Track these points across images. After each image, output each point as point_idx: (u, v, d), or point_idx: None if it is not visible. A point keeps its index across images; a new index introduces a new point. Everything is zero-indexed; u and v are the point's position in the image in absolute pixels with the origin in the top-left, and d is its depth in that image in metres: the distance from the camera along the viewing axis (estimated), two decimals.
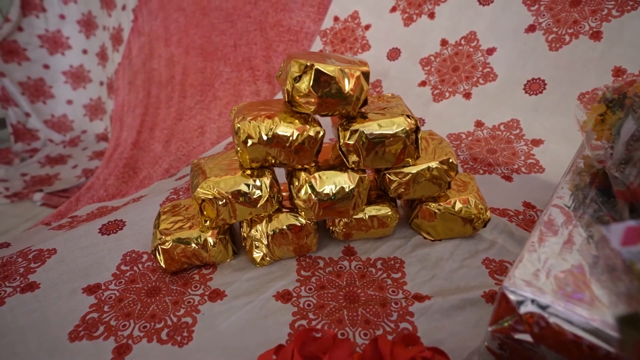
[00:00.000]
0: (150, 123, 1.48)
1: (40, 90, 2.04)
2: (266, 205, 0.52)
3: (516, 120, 0.92)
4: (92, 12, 1.91)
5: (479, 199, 0.59)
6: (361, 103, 0.50)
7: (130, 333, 0.47)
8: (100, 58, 1.97)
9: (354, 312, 0.49)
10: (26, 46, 1.97)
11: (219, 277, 0.55)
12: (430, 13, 1.05)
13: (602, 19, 0.81)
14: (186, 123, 1.39)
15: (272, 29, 1.27)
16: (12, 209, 1.58)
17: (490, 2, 0.95)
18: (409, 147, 0.52)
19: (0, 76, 1.94)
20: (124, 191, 1.15)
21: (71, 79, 2.06)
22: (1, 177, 1.77)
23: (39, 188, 1.71)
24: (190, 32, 1.41)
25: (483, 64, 0.98)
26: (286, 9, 1.25)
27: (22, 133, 2.04)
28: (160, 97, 1.49)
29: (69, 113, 2.09)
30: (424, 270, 0.55)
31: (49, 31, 1.99)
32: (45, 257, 0.59)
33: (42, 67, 2.01)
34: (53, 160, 1.92)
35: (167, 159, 1.34)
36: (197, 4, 1.38)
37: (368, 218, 0.57)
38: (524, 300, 0.35)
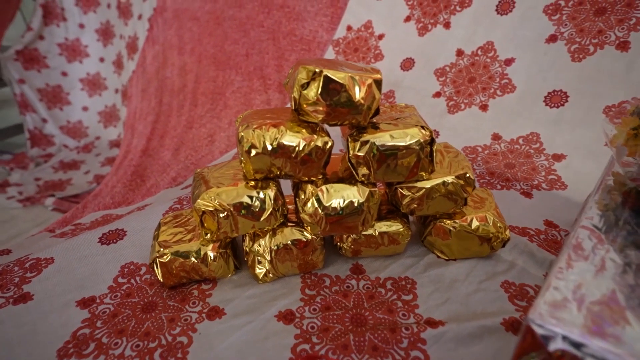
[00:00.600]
0: (161, 131, 1.48)
1: (57, 97, 2.08)
2: (270, 218, 0.49)
3: (536, 134, 0.87)
4: (110, 22, 1.95)
5: (498, 216, 0.55)
6: (372, 113, 0.47)
7: (121, 352, 0.44)
8: (116, 66, 2.00)
9: (361, 336, 0.45)
10: (46, 54, 2.02)
11: (218, 293, 0.52)
12: (445, 23, 1.02)
13: (629, 28, 0.77)
14: (196, 131, 1.38)
15: (284, 38, 1.26)
16: (24, 214, 1.59)
17: (509, 12, 0.92)
18: (422, 160, 0.49)
19: (20, 83, 1.99)
20: (130, 199, 1.14)
21: (87, 86, 2.10)
22: (16, 181, 1.79)
23: (51, 193, 1.72)
24: (203, 41, 1.42)
25: (501, 75, 0.94)
26: (299, 19, 1.24)
27: (38, 138, 2.07)
28: (172, 105, 1.49)
29: (84, 119, 2.12)
30: (437, 293, 0.51)
31: (69, 40, 2.03)
32: (42, 266, 0.57)
33: (60, 75, 2.05)
34: (66, 166, 1.94)
35: (175, 167, 1.33)
36: (211, 13, 1.38)
37: (378, 234, 0.54)
38: (554, 336, 0.31)
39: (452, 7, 1.00)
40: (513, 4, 0.91)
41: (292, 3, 1.24)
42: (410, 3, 1.07)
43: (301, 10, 1.22)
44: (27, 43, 1.97)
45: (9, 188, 1.75)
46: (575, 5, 0.83)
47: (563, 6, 0.85)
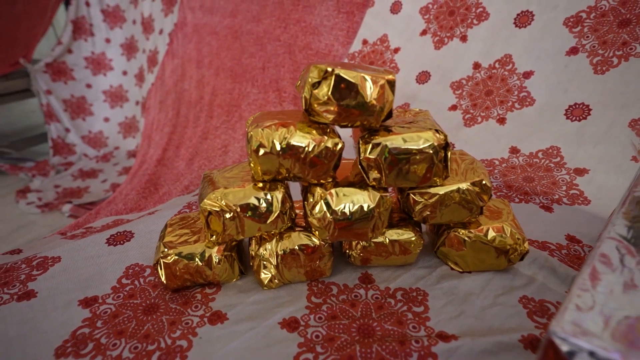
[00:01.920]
0: (177, 141, 1.50)
1: (81, 108, 2.16)
2: (276, 221, 0.48)
3: (556, 148, 0.84)
4: (135, 37, 2.02)
5: (516, 227, 0.52)
6: (385, 115, 0.46)
7: (119, 354, 0.43)
8: (137, 79, 2.07)
9: (367, 348, 0.43)
10: (73, 67, 2.11)
11: (222, 298, 0.51)
12: (462, 36, 1.01)
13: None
14: (211, 142, 1.40)
15: (300, 52, 1.28)
16: (42, 219, 1.63)
17: (528, 25, 0.91)
18: (436, 165, 0.47)
19: (47, 94, 2.07)
20: (142, 205, 1.15)
21: (110, 97, 2.17)
22: (36, 187, 1.84)
23: (69, 200, 1.76)
24: (221, 55, 1.45)
25: (519, 88, 0.92)
26: (315, 33, 1.25)
27: (60, 147, 2.14)
28: (188, 117, 1.51)
29: (104, 130, 2.19)
30: (451, 306, 0.49)
31: (95, 53, 2.12)
32: (48, 264, 0.57)
33: (85, 87, 2.14)
34: (85, 174, 1.99)
35: (189, 176, 1.34)
36: (230, 28, 1.42)
37: (389, 242, 0.52)
38: (579, 352, 0.28)
39: (469, 20, 1.00)
40: (532, 17, 0.90)
41: (309, 18, 1.26)
42: (426, 17, 1.07)
43: (317, 24, 1.24)
44: (57, 56, 2.06)
45: (30, 194, 1.79)
46: (597, 17, 0.81)
47: (584, 18, 0.83)
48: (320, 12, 1.22)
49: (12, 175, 1.94)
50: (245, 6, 1.36)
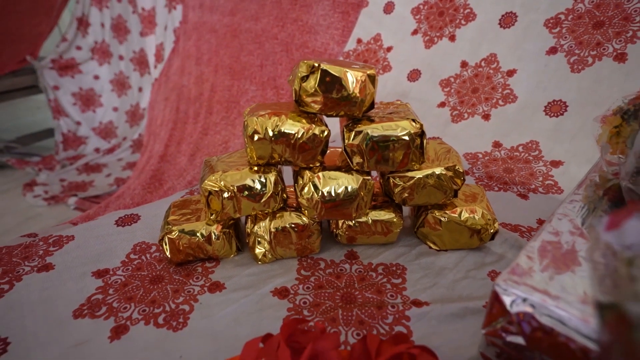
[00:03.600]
0: (178, 137, 1.55)
1: (91, 100, 2.20)
2: (269, 201, 0.54)
3: (535, 142, 0.90)
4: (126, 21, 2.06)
5: (488, 210, 0.58)
6: (367, 106, 0.51)
7: (129, 315, 0.48)
8: (135, 63, 2.09)
9: (349, 312, 0.48)
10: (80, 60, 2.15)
11: (220, 270, 0.56)
12: (451, 36, 1.06)
13: (626, 40, 0.80)
14: (211, 138, 1.45)
15: (297, 50, 1.33)
16: (49, 212, 1.69)
17: (512, 25, 0.96)
18: (413, 151, 0.52)
19: (55, 89, 2.12)
20: (148, 199, 1.20)
21: (116, 86, 2.20)
22: (43, 181, 1.90)
23: (74, 193, 1.82)
24: (220, 52, 1.50)
25: (503, 86, 0.98)
26: (312, 32, 1.31)
27: (72, 140, 2.18)
28: (188, 113, 1.57)
29: (114, 119, 2.22)
30: (426, 278, 0.54)
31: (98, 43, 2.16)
32: (63, 242, 0.63)
33: (92, 78, 2.18)
34: (90, 169, 2.04)
35: (191, 171, 1.40)
36: (229, 26, 1.47)
37: (372, 222, 0.57)
38: (516, 299, 0.34)
39: (457, 21, 1.05)
40: (515, 18, 0.95)
41: (305, 17, 1.31)
42: (417, 17, 1.13)
43: (314, 24, 1.29)
44: (62, 52, 2.11)
45: (36, 187, 1.85)
46: (574, 19, 0.86)
47: (563, 20, 0.88)
48: (316, 12, 1.27)
49: (18, 170, 2.00)
50: (244, 5, 1.41)
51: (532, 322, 0.33)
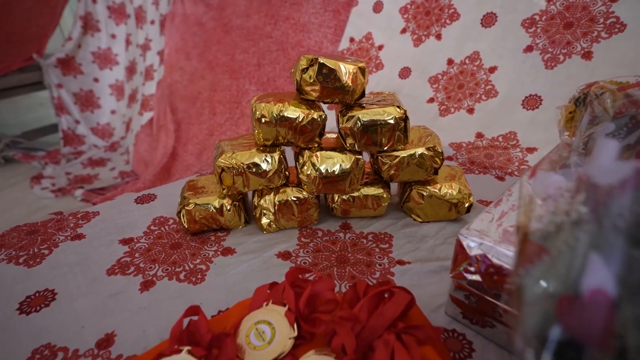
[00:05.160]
0: (184, 139, 1.62)
1: (90, 101, 2.28)
2: (274, 177, 0.62)
3: (514, 133, 0.98)
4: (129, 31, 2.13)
5: (464, 186, 0.67)
6: (358, 94, 0.60)
7: (155, 273, 0.57)
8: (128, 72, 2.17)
9: (342, 269, 0.57)
10: (81, 61, 2.22)
11: (231, 238, 0.65)
12: (437, 34, 1.15)
13: (592, 40, 0.89)
14: (217, 138, 1.53)
15: (293, 49, 1.41)
16: (56, 203, 1.76)
17: (492, 25, 1.05)
18: (398, 134, 0.61)
19: (58, 87, 2.19)
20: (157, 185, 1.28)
21: (116, 91, 2.29)
22: (49, 174, 1.97)
23: (80, 185, 1.89)
24: (212, 48, 1.56)
25: (485, 82, 1.06)
26: (305, 30, 1.38)
27: (71, 138, 2.26)
28: (190, 113, 1.63)
29: (112, 121, 2.31)
30: (410, 244, 0.63)
31: (101, 49, 2.24)
32: (90, 217, 0.71)
33: (92, 80, 2.26)
34: (94, 163, 2.12)
35: (198, 165, 1.47)
36: (217, 20, 1.52)
37: (363, 197, 0.66)
38: (474, 245, 0.42)
39: (442, 20, 1.14)
40: (496, 18, 1.04)
41: (297, 15, 1.38)
42: (405, 16, 1.21)
43: (306, 22, 1.36)
44: (68, 51, 2.18)
45: (43, 180, 1.92)
46: (547, 19, 0.95)
47: (538, 20, 0.97)
48: (307, 10, 1.34)
49: (25, 164, 2.06)
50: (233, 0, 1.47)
51: (485, 261, 0.41)
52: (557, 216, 0.26)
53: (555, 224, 0.25)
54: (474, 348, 0.44)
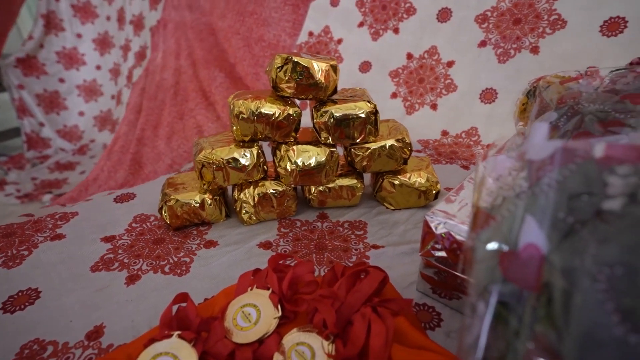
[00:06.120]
0: (154, 122, 1.62)
1: (55, 102, 2.20)
2: (253, 171, 0.65)
3: (475, 128, 1.05)
4: (109, 32, 2.09)
5: (432, 175, 0.72)
6: (331, 90, 0.63)
7: (139, 267, 0.58)
8: (112, 74, 2.14)
9: (321, 255, 0.60)
10: (45, 61, 2.15)
11: (213, 232, 0.67)
12: (395, 28, 1.19)
13: (538, 35, 0.96)
14: (186, 122, 1.53)
15: (256, 44, 1.43)
16: (22, 209, 1.70)
17: (448, 20, 1.10)
18: (369, 127, 0.65)
19: (19, 88, 2.11)
20: (131, 182, 1.26)
21: (84, 92, 2.22)
22: (13, 180, 1.89)
23: (48, 190, 1.83)
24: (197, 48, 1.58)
25: (444, 76, 1.12)
26: (265, 24, 1.40)
27: (35, 141, 2.18)
28: (165, 101, 1.64)
29: (80, 124, 2.24)
30: (383, 230, 0.67)
31: (66, 48, 2.17)
32: (69, 217, 0.71)
33: (57, 81, 2.18)
34: (62, 167, 2.05)
35: (170, 154, 1.46)
36: (207, 24, 1.55)
37: (338, 187, 0.70)
38: (440, 224, 0.47)
39: (399, 14, 1.18)
40: (451, 13, 1.09)
41: (260, 10, 1.40)
42: (362, 10, 1.25)
43: (267, 16, 1.38)
44: (28, 51, 2.10)
45: (7, 186, 1.85)
46: (498, 15, 1.02)
47: (489, 16, 1.03)
48: (269, 4, 1.36)
49: None
50: (216, 3, 1.49)
51: (450, 238, 0.46)
52: (504, 191, 0.30)
53: (502, 197, 0.30)
54: (442, 318, 0.49)
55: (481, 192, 0.33)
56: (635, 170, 0.22)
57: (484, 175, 0.35)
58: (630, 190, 0.22)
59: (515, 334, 0.24)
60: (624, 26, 0.85)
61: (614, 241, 0.21)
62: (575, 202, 0.24)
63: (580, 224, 0.23)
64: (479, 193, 0.33)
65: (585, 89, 0.53)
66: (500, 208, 0.28)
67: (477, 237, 0.27)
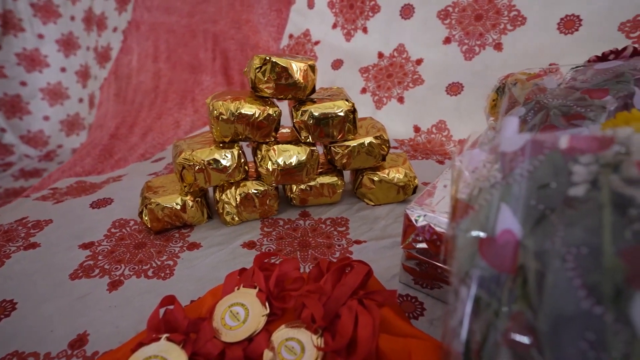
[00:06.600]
0: (131, 122, 1.58)
1: (16, 107, 2.10)
2: (234, 172, 0.65)
3: (443, 122, 1.08)
4: (74, 33, 2.02)
5: (410, 170, 0.74)
6: (309, 90, 0.64)
7: (122, 272, 0.57)
8: (79, 76, 2.06)
9: (305, 253, 0.61)
10: (4, 64, 2.04)
11: (195, 234, 0.66)
12: (363, 28, 1.21)
13: (500, 32, 0.99)
14: (164, 120, 1.50)
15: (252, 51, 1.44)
16: None
17: (411, 17, 1.13)
18: (348, 125, 0.66)
19: None
20: (99, 169, 1.21)
21: (48, 95, 2.13)
22: None
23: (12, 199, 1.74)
24: (178, 51, 1.57)
25: (413, 72, 1.15)
26: (256, 31, 1.42)
27: None
28: (143, 104, 1.60)
29: (45, 129, 2.14)
30: (364, 225, 0.69)
31: (27, 49, 2.07)
32: (42, 225, 0.69)
33: (19, 84, 2.08)
34: (27, 174, 1.96)
35: (143, 146, 1.42)
36: (187, 27, 1.54)
37: (320, 185, 0.71)
38: (419, 217, 0.49)
39: (365, 13, 1.20)
40: (413, 10, 1.11)
41: (252, 17, 1.42)
42: (334, 11, 1.26)
43: (256, 22, 1.40)
44: None
45: None
46: (460, 11, 1.04)
47: (451, 12, 1.06)
48: (257, 11, 1.38)
49: None
50: (202, 7, 1.48)
51: (430, 230, 0.48)
52: (480, 182, 0.32)
53: (479, 188, 0.32)
54: (425, 307, 0.51)
55: (459, 184, 0.35)
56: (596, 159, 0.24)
57: (460, 168, 0.37)
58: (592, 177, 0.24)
59: (495, 314, 0.26)
60: (579, 24, 0.89)
61: (579, 224, 0.23)
62: (545, 190, 0.26)
63: (549, 210, 0.25)
64: (456, 186, 0.35)
65: (549, 85, 0.56)
66: (478, 198, 0.30)
67: (458, 227, 0.29)
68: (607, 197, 0.23)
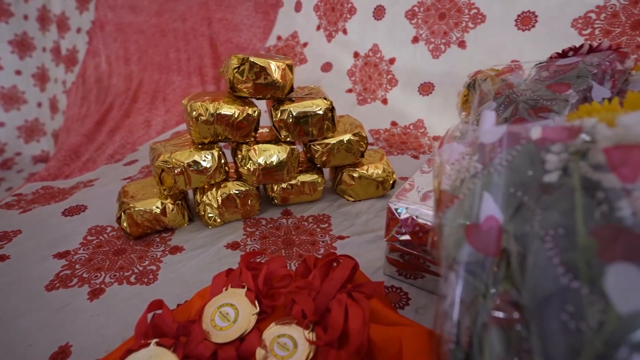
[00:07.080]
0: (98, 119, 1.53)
1: None
2: (215, 173, 0.64)
3: (421, 120, 1.12)
4: (28, 34, 1.91)
5: (387, 165, 0.76)
6: (288, 89, 0.64)
7: (102, 280, 0.56)
8: (37, 79, 1.96)
9: (290, 251, 0.62)
10: None
11: (177, 237, 0.65)
12: (343, 29, 1.24)
13: (463, 30, 1.03)
14: (134, 119, 1.46)
15: (222, 45, 1.43)
16: None
17: (383, 18, 1.15)
18: (327, 123, 0.67)
19: None
20: (66, 172, 1.16)
21: (3, 100, 2.01)
22: None
23: None
24: (149, 51, 1.53)
25: (387, 72, 1.18)
26: (236, 30, 1.42)
27: None
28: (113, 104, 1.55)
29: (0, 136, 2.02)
30: (346, 221, 0.70)
31: None
32: (11, 236, 0.65)
33: None
34: None
35: (112, 146, 1.37)
36: (157, 26, 1.50)
37: (300, 183, 0.71)
38: (402, 209, 0.51)
39: (344, 15, 1.23)
40: (384, 10, 1.15)
41: (230, 17, 1.43)
42: (318, 14, 1.28)
43: (238, 22, 1.41)
44: None
45: None
46: (425, 10, 1.08)
47: (417, 12, 1.09)
48: (240, 12, 1.39)
49: None
50: (170, 6, 1.45)
51: (412, 221, 0.50)
52: (461, 173, 0.34)
53: (461, 179, 0.33)
54: (410, 297, 0.53)
55: (441, 177, 0.37)
56: (566, 148, 0.26)
57: (441, 162, 0.39)
58: (563, 164, 0.26)
59: (482, 296, 0.28)
60: (535, 20, 0.94)
61: (554, 208, 0.25)
62: (522, 177, 0.28)
63: (527, 196, 0.27)
64: (439, 178, 0.37)
65: (516, 81, 0.60)
66: (461, 188, 0.32)
67: (444, 216, 0.31)
68: (577, 182, 0.25)
